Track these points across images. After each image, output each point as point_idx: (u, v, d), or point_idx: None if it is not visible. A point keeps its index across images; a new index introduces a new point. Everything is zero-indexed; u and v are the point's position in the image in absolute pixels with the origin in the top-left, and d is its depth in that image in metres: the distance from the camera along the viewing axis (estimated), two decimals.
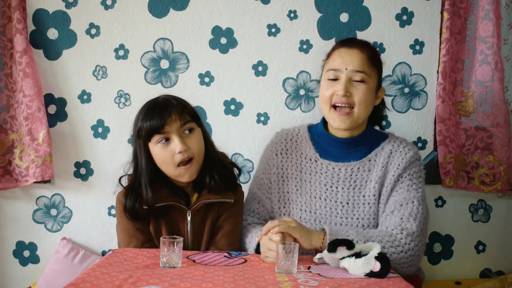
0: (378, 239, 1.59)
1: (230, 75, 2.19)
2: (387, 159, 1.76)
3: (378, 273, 1.40)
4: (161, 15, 2.16)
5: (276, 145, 1.88)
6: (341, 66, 1.72)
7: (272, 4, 2.18)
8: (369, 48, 1.76)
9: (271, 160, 1.86)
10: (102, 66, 2.16)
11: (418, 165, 1.78)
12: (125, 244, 1.68)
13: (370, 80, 1.72)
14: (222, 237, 1.72)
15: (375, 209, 1.74)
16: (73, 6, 2.14)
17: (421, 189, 1.74)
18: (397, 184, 1.73)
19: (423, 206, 1.70)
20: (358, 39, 1.84)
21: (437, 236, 2.30)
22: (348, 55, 1.73)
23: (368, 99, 1.72)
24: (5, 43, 2.13)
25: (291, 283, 1.31)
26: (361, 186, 1.76)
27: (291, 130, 1.91)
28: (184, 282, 1.28)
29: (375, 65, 1.75)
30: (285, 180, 1.83)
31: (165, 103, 1.63)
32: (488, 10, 2.17)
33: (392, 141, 1.81)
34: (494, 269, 2.33)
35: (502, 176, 2.21)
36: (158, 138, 1.60)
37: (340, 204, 1.76)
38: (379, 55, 1.81)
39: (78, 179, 2.19)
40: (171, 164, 1.62)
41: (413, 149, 1.79)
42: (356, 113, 1.71)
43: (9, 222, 2.20)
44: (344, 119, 1.72)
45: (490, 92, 2.21)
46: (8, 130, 2.16)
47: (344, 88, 1.69)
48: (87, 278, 1.29)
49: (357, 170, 1.77)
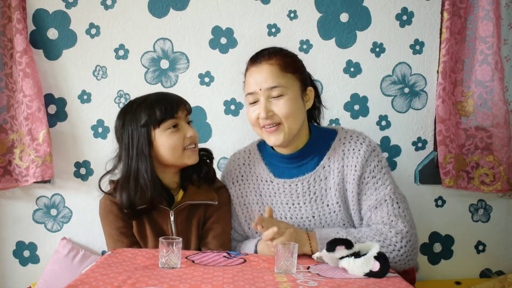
0: (369, 239, 1.57)
1: (230, 75, 2.19)
2: (341, 163, 1.67)
3: (377, 272, 1.40)
4: (161, 15, 2.16)
5: (231, 173, 1.81)
6: (255, 88, 1.63)
7: (272, 4, 2.18)
8: (278, 56, 1.65)
9: (230, 190, 1.81)
10: (102, 66, 2.17)
11: (375, 156, 1.67)
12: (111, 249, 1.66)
13: (289, 90, 1.62)
14: (213, 238, 1.72)
15: (342, 216, 1.68)
16: (73, 6, 2.14)
17: (388, 181, 1.66)
18: (363, 187, 1.66)
19: (398, 199, 1.64)
20: (265, 51, 1.69)
21: (437, 236, 2.30)
22: (258, 73, 1.63)
23: (293, 110, 1.62)
24: (5, 43, 2.13)
25: (290, 283, 1.31)
26: (322, 196, 1.69)
27: (242, 153, 1.83)
28: (183, 282, 1.28)
29: (291, 71, 1.64)
30: (248, 207, 1.78)
31: (173, 94, 1.72)
32: (488, 10, 2.17)
33: (342, 137, 1.71)
34: (494, 269, 2.33)
35: (502, 176, 2.21)
36: (169, 124, 1.65)
37: (306, 219, 1.71)
38: (294, 57, 1.70)
39: (78, 179, 2.20)
40: (180, 148, 1.66)
41: (364, 141, 1.68)
42: (286, 127, 1.62)
43: (9, 222, 2.20)
44: (276, 135, 1.64)
45: (490, 92, 2.21)
46: (8, 130, 2.16)
47: (264, 110, 1.61)
48: (86, 279, 1.29)
49: (313, 181, 1.69)
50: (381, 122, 2.23)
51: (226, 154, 2.15)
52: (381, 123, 2.23)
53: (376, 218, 1.63)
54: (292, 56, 1.70)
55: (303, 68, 1.72)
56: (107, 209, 1.69)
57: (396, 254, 1.58)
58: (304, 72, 1.71)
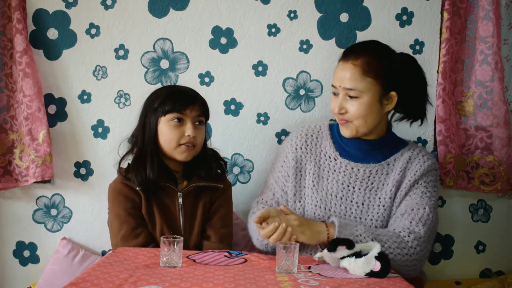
0: (385, 238, 1.60)
1: (230, 75, 2.19)
2: (405, 165, 1.77)
3: (378, 272, 1.40)
4: (161, 15, 2.16)
5: (297, 139, 1.88)
6: (337, 83, 1.73)
7: (272, 4, 2.18)
8: (365, 57, 1.69)
9: (291, 153, 1.86)
10: (102, 66, 2.16)
11: (435, 175, 1.79)
12: (117, 231, 1.73)
13: (366, 94, 1.68)
14: (218, 219, 1.82)
15: (389, 211, 1.75)
16: (73, 6, 2.14)
17: (434, 198, 1.75)
18: (412, 190, 1.74)
19: (434, 214, 1.71)
20: (355, 47, 1.78)
21: (437, 236, 2.29)
22: (342, 70, 1.72)
23: (364, 113, 1.70)
24: (5, 43, 2.13)
25: (291, 282, 1.32)
26: (377, 189, 1.76)
27: (312, 127, 1.91)
28: (185, 281, 1.28)
29: (373, 75, 1.68)
30: (303, 175, 1.84)
31: (193, 92, 1.81)
32: (488, 10, 2.17)
33: (412, 148, 1.82)
34: (494, 269, 2.33)
35: (502, 176, 2.22)
36: (173, 116, 1.73)
37: (355, 204, 1.76)
38: (382, 60, 1.70)
39: (78, 179, 2.19)
40: (175, 142, 1.73)
41: (431, 158, 1.80)
42: (356, 125, 1.73)
43: (9, 222, 2.20)
44: (345, 129, 1.76)
45: (490, 92, 2.21)
46: (8, 130, 2.15)
47: (338, 106, 1.72)
48: (88, 277, 1.29)
49: (375, 172, 1.77)
50: None
51: (226, 154, 2.14)
52: None
53: (407, 219, 1.68)
54: (381, 59, 1.71)
55: (390, 72, 1.70)
56: (117, 191, 1.77)
57: (407, 259, 1.60)
58: (389, 76, 1.70)
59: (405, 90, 1.73)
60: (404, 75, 1.72)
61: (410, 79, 1.74)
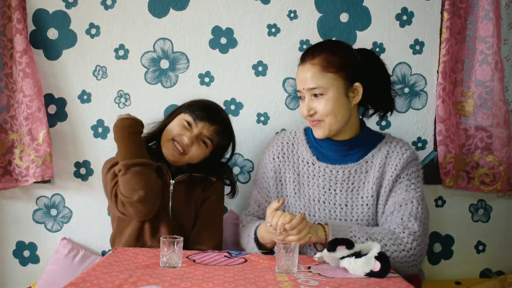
0: (380, 236, 1.60)
1: (230, 75, 2.19)
2: (384, 160, 1.76)
3: (378, 272, 1.40)
4: (161, 15, 2.16)
5: (273, 149, 1.89)
6: (300, 86, 1.74)
7: (272, 4, 2.18)
8: (322, 55, 1.70)
9: (269, 164, 1.87)
10: (102, 66, 2.16)
11: (416, 165, 1.78)
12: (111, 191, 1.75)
13: (330, 90, 1.69)
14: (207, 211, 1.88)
15: (373, 210, 1.74)
16: (73, 6, 2.14)
17: (419, 188, 1.75)
18: (396, 185, 1.74)
19: (423, 206, 1.71)
20: (310, 48, 1.78)
21: (437, 236, 2.30)
22: (302, 73, 1.73)
23: (333, 109, 1.69)
24: (5, 43, 2.13)
25: (291, 282, 1.32)
26: (358, 188, 1.76)
27: (288, 134, 1.92)
28: (185, 282, 1.28)
29: (333, 70, 1.69)
30: (283, 184, 1.84)
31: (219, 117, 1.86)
32: (488, 10, 2.17)
33: (388, 142, 1.81)
34: (494, 269, 2.33)
35: (502, 176, 2.22)
36: (187, 117, 1.82)
37: (338, 206, 1.76)
38: (340, 54, 1.72)
39: (78, 179, 2.19)
40: (170, 135, 1.81)
41: (410, 149, 1.79)
42: (327, 123, 1.72)
43: (9, 222, 2.20)
44: (318, 129, 1.75)
45: (490, 92, 2.21)
46: (8, 130, 2.15)
47: (306, 108, 1.73)
48: (88, 277, 1.29)
49: (354, 172, 1.77)
50: (381, 122, 2.23)
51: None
52: (381, 123, 2.23)
53: (398, 216, 1.68)
54: (338, 53, 1.72)
55: (349, 64, 1.72)
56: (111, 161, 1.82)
57: (405, 255, 1.60)
58: (350, 68, 1.71)
59: (369, 81, 1.74)
60: (364, 66, 1.74)
61: (371, 69, 1.76)
